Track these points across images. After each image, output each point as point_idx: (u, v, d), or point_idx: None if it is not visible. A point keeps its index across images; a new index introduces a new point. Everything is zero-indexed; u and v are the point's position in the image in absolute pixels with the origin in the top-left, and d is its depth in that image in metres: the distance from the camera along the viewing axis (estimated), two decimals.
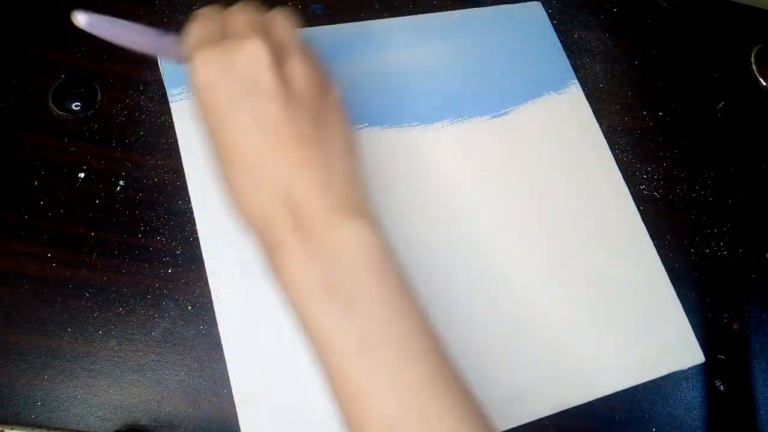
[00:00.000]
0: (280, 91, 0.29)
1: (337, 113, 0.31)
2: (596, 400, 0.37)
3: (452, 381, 0.27)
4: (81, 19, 0.29)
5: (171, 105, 0.39)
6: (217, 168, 0.31)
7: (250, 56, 0.29)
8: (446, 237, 0.39)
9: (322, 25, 0.44)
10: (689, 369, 0.40)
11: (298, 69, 0.30)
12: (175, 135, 0.39)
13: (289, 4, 0.45)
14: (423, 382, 0.26)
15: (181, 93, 0.39)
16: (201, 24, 0.32)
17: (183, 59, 0.32)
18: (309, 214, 0.28)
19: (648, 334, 0.39)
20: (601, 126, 0.45)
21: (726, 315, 0.43)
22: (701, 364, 0.39)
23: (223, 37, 0.30)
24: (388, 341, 0.27)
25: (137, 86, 0.41)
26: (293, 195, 0.28)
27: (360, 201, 0.30)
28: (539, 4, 0.49)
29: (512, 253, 0.40)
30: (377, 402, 0.26)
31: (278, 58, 0.29)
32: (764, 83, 0.51)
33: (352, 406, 0.27)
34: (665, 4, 0.53)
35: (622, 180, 0.44)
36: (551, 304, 0.39)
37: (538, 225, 0.41)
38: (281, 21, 0.31)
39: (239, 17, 0.31)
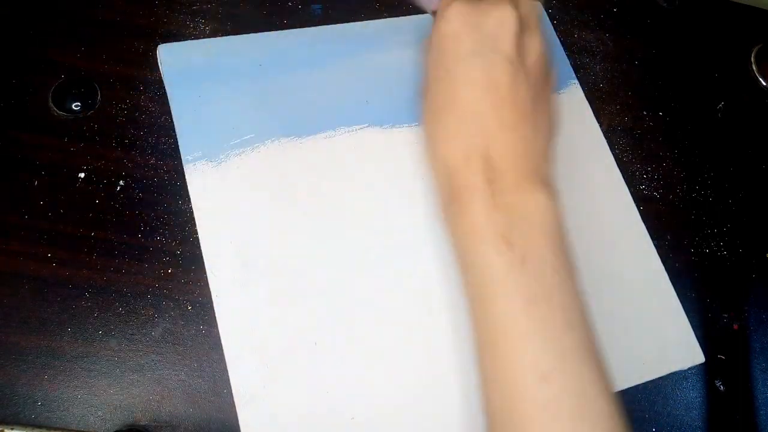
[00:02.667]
0: (515, 59, 0.32)
1: (550, 96, 0.35)
2: None
3: (599, 356, 0.29)
4: None
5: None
6: (429, 112, 0.34)
7: (500, 20, 0.32)
8: None
9: (322, 25, 0.44)
10: (689, 369, 0.40)
11: (534, 45, 0.33)
12: (176, 135, 0.39)
13: (289, 4, 0.45)
14: (578, 345, 0.28)
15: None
16: None
17: (434, 8, 0.35)
18: (503, 173, 0.30)
19: (648, 334, 0.39)
20: (601, 126, 0.45)
21: (726, 315, 0.43)
22: (701, 364, 0.39)
23: None
24: (551, 300, 0.28)
25: (137, 86, 0.41)
26: (496, 152, 0.31)
27: (549, 175, 0.32)
28: (539, 4, 0.49)
29: None
30: (534, 350, 0.27)
31: (521, 27, 0.32)
32: (764, 83, 0.51)
33: (505, 350, 0.28)
34: (665, 4, 0.53)
35: (622, 180, 0.44)
36: None
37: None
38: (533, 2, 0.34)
39: None
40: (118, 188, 0.38)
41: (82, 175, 0.38)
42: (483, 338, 0.29)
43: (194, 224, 0.37)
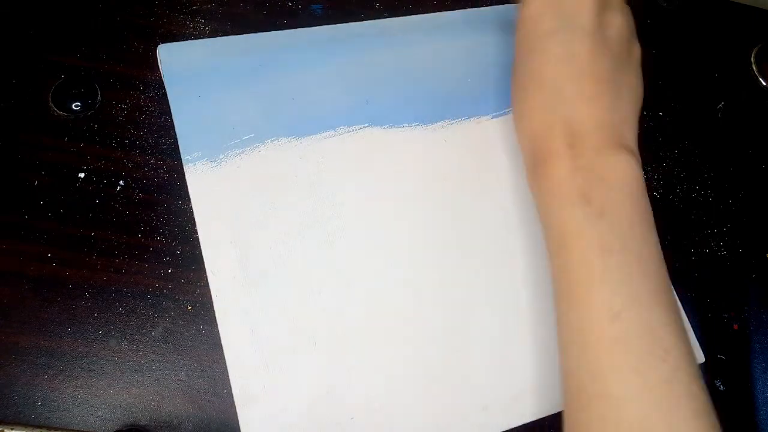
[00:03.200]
0: (595, 33, 0.34)
1: (635, 68, 0.36)
2: None
3: (672, 301, 0.30)
4: None
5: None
6: (515, 88, 0.36)
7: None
8: (450, 235, 0.39)
9: (322, 25, 0.44)
10: None
11: (616, 19, 0.35)
12: (176, 135, 0.39)
13: (289, 4, 0.45)
14: (650, 290, 0.29)
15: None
16: None
17: None
18: (585, 139, 0.33)
19: None
20: None
21: (726, 315, 0.43)
22: (701, 364, 0.39)
23: None
24: (627, 249, 0.30)
25: (137, 86, 0.41)
26: (576, 120, 0.33)
27: (631, 141, 0.34)
28: None
29: (512, 252, 0.40)
30: (608, 292, 0.29)
31: (602, 4, 0.34)
32: (764, 83, 0.51)
33: (579, 294, 0.30)
34: (665, 4, 0.53)
35: None
36: (551, 304, 0.39)
37: (539, 224, 0.41)
38: None
39: None
40: (118, 188, 0.38)
41: (82, 175, 0.38)
42: (560, 287, 0.32)
43: (194, 224, 0.37)
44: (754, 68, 0.52)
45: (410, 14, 0.46)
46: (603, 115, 0.33)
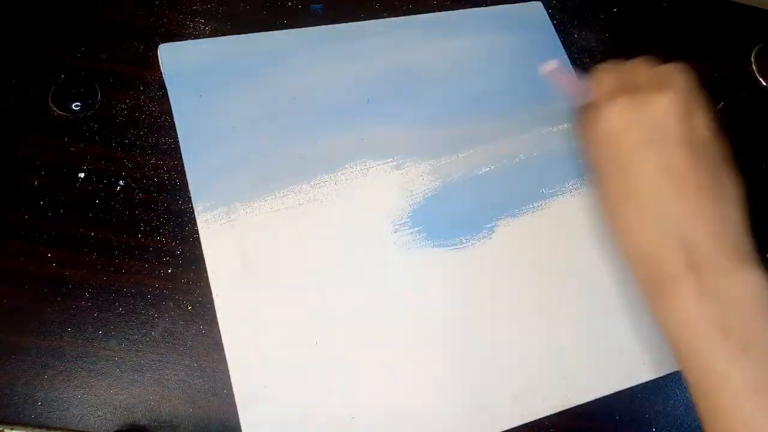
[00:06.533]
0: (687, 141, 0.32)
1: (728, 166, 0.34)
2: (596, 400, 0.37)
3: None
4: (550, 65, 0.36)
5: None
6: (608, 205, 0.34)
7: (663, 107, 0.32)
8: (451, 237, 0.39)
9: (322, 25, 0.44)
10: None
11: (700, 122, 0.33)
12: (176, 135, 0.39)
13: (289, 4, 0.45)
14: None
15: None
16: (609, 74, 0.36)
17: (588, 101, 0.36)
18: (704, 258, 0.30)
19: (648, 333, 0.39)
20: None
21: None
22: None
23: (631, 88, 0.34)
24: None
25: (137, 86, 0.41)
26: (689, 238, 0.31)
27: (749, 249, 0.31)
28: (540, 4, 0.49)
29: (513, 252, 0.40)
30: None
31: (687, 109, 0.33)
32: (764, 83, 0.51)
33: None
34: (665, 4, 0.53)
35: None
36: (551, 304, 0.39)
37: (538, 225, 0.41)
38: (683, 74, 0.34)
39: (645, 71, 0.35)
40: (118, 188, 0.38)
41: (82, 175, 0.38)
42: (712, 429, 0.29)
43: (194, 224, 0.37)
44: (754, 68, 0.52)
45: (410, 14, 0.46)
46: (716, 227, 0.31)
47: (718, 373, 0.29)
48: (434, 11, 0.47)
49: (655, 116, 0.32)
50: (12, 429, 0.33)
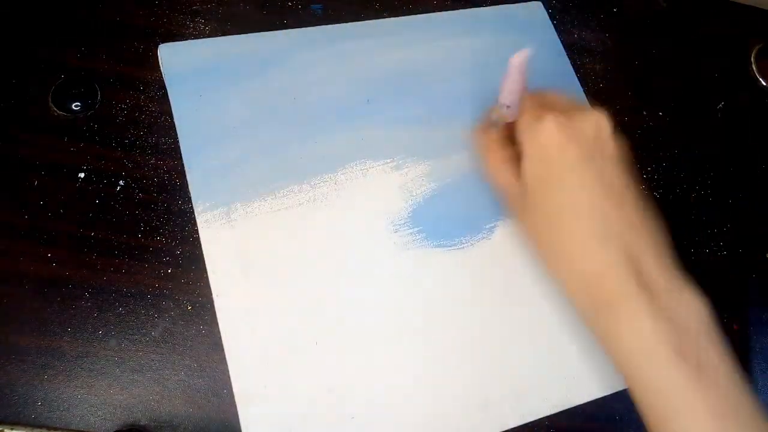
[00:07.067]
0: (620, 159, 0.33)
1: (638, 184, 0.34)
2: (596, 400, 0.37)
3: None
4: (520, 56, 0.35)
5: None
6: (545, 225, 0.34)
7: (597, 125, 0.33)
8: (451, 237, 0.39)
9: (322, 25, 0.44)
10: None
11: (618, 144, 0.34)
12: (176, 135, 0.39)
13: (289, 4, 0.45)
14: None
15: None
16: (533, 98, 0.36)
17: (512, 119, 0.37)
18: (653, 277, 0.30)
19: None
20: None
21: (726, 315, 0.43)
22: None
23: (557, 108, 0.34)
24: (736, 409, 0.28)
25: (137, 86, 0.41)
26: (637, 257, 0.30)
27: (676, 267, 0.31)
28: (540, 4, 0.49)
29: (513, 252, 0.40)
30: None
31: (612, 129, 0.34)
32: (764, 83, 0.51)
33: None
34: (665, 4, 0.53)
35: None
36: (552, 304, 0.39)
37: None
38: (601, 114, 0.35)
39: (565, 98, 0.36)
40: (118, 188, 0.38)
41: (82, 175, 0.38)
42: None
43: (194, 224, 0.37)
44: (754, 68, 0.52)
45: (410, 14, 0.46)
46: (655, 246, 0.31)
47: (676, 396, 0.28)
48: (434, 11, 0.47)
49: (590, 134, 0.33)
50: (12, 429, 0.33)
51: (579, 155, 0.32)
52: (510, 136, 0.37)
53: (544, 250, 0.34)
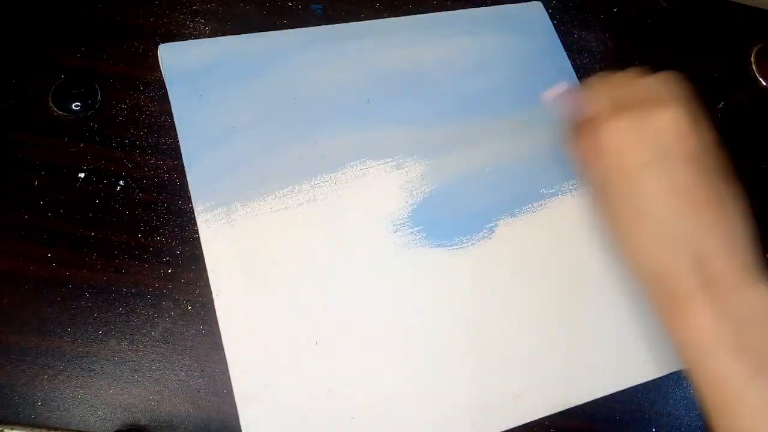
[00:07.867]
0: (690, 157, 0.32)
1: (728, 175, 0.33)
2: (596, 400, 0.37)
3: None
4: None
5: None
6: (615, 222, 0.34)
7: (664, 124, 0.32)
8: (451, 237, 0.39)
9: (322, 25, 0.44)
10: None
11: (702, 135, 0.33)
12: (176, 135, 0.39)
13: (289, 4, 0.45)
14: None
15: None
16: (602, 87, 0.35)
17: (581, 116, 0.35)
18: (717, 274, 0.30)
19: (648, 333, 0.39)
20: None
21: None
22: None
23: (628, 103, 0.33)
24: None
25: (137, 86, 0.41)
26: (701, 254, 0.31)
27: (758, 265, 0.31)
28: (540, 4, 0.49)
29: (513, 252, 0.40)
30: None
31: (687, 126, 0.32)
32: (764, 83, 0.51)
33: None
34: (665, 4, 0.53)
35: None
36: (552, 304, 0.39)
37: (538, 225, 0.41)
38: (677, 85, 0.34)
39: (639, 83, 0.34)
40: (118, 188, 0.38)
41: (82, 175, 0.38)
42: None
43: (194, 224, 0.37)
44: (754, 68, 0.52)
45: (410, 14, 0.46)
46: (726, 243, 0.31)
47: (735, 393, 0.28)
48: (434, 11, 0.47)
49: (656, 134, 0.32)
50: (12, 429, 0.33)
51: (642, 159, 0.32)
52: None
53: (620, 246, 0.35)
